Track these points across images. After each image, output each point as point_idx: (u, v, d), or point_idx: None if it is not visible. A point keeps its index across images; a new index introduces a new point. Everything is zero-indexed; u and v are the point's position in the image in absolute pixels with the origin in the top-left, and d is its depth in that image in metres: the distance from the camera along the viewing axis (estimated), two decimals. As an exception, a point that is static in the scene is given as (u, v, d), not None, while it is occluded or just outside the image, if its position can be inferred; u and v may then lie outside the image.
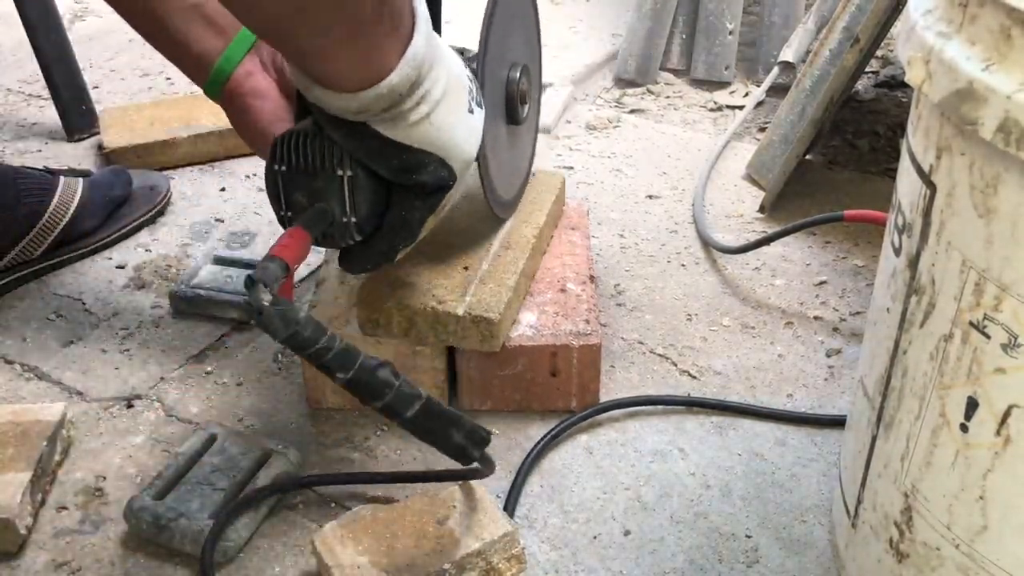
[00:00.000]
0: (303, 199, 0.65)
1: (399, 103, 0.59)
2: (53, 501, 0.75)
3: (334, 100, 0.59)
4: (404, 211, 0.66)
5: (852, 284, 1.02)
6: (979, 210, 0.46)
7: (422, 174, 0.64)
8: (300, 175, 0.64)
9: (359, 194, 0.64)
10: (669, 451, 0.80)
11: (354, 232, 0.66)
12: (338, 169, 0.63)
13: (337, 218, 0.65)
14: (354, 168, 0.63)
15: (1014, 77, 0.42)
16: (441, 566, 0.65)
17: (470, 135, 0.66)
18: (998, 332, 0.47)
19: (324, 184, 0.64)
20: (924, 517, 0.55)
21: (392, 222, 0.67)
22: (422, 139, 0.62)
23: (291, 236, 0.61)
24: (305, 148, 0.64)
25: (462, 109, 0.65)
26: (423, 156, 0.63)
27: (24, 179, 1.01)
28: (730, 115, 1.42)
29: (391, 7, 0.55)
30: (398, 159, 0.62)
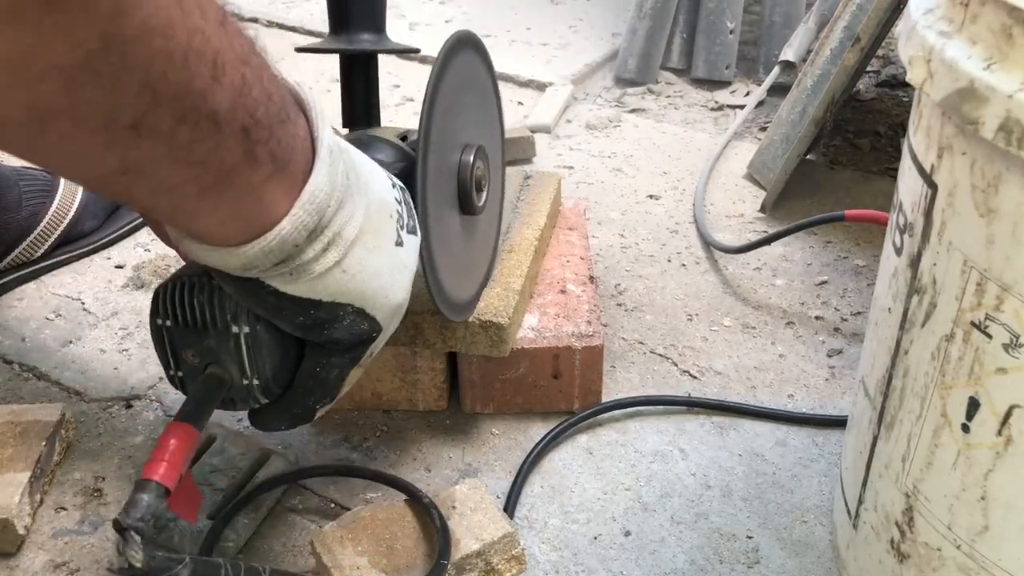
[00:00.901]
0: (194, 359, 0.55)
1: (296, 255, 0.48)
2: (52, 501, 0.75)
3: (209, 256, 0.48)
4: (318, 368, 0.56)
5: (853, 284, 1.02)
6: (980, 210, 0.46)
7: (335, 330, 0.53)
8: (189, 332, 0.55)
9: (259, 353, 0.54)
10: (669, 451, 0.80)
11: (258, 395, 0.56)
12: (232, 326, 0.53)
13: (236, 381, 0.55)
14: (251, 323, 0.53)
15: (1015, 76, 0.42)
16: (441, 567, 0.65)
17: (399, 273, 0.56)
18: (1000, 332, 0.46)
19: (217, 343, 0.54)
20: (925, 517, 0.55)
21: (305, 382, 0.57)
22: (332, 290, 0.51)
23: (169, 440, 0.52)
24: (192, 301, 0.54)
25: (386, 244, 0.54)
26: (336, 309, 0.52)
27: (26, 180, 1.01)
28: (731, 114, 1.41)
29: (267, 145, 0.44)
30: (303, 315, 0.52)
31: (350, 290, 0.52)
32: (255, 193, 0.45)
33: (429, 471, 0.78)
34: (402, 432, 0.82)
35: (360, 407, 0.84)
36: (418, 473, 0.78)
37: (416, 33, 1.68)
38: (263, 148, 0.44)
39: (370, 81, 0.75)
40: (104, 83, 0.35)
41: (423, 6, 1.81)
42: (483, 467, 0.79)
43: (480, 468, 0.79)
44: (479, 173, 0.73)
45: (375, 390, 0.83)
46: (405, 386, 0.82)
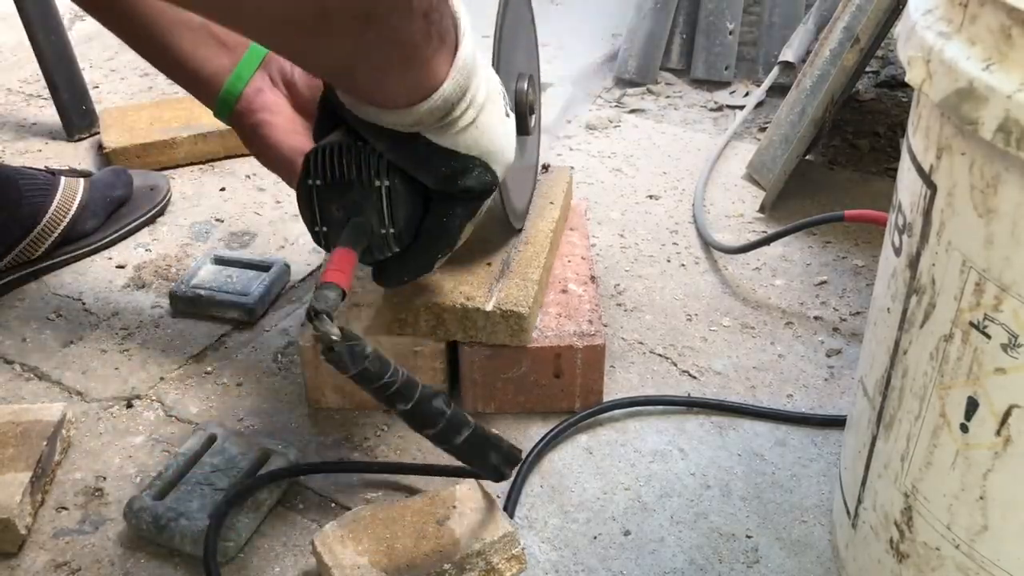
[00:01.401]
0: (339, 213, 0.64)
1: (451, 111, 0.59)
2: (53, 501, 0.75)
3: (388, 117, 0.58)
4: (445, 217, 0.65)
5: (852, 284, 1.02)
6: (979, 210, 0.46)
7: (468, 179, 0.63)
8: (336, 188, 0.63)
9: (397, 204, 0.63)
10: (669, 451, 0.80)
11: (393, 244, 0.65)
12: (375, 180, 0.62)
13: (376, 230, 0.64)
14: (391, 177, 0.62)
15: (1014, 77, 0.42)
16: (441, 566, 0.65)
17: (509, 138, 0.66)
18: (998, 332, 0.47)
19: (361, 196, 0.63)
20: (924, 517, 0.55)
21: (432, 230, 0.66)
22: (469, 144, 0.62)
23: (339, 258, 0.60)
24: (342, 160, 0.62)
25: (501, 112, 0.65)
26: (468, 161, 0.62)
27: (26, 179, 1.01)
28: (730, 115, 1.42)
29: (438, 25, 0.55)
30: (446, 166, 0.62)
31: (480, 144, 0.62)
32: (428, 64, 0.55)
33: (429, 471, 0.78)
34: (402, 431, 0.82)
35: (360, 407, 0.84)
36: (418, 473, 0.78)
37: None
38: (436, 27, 0.54)
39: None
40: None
41: (423, 6, 1.81)
42: (483, 467, 0.79)
43: (480, 468, 0.79)
44: (531, 98, 0.81)
45: (375, 390, 0.83)
46: (405, 386, 0.82)
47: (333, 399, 0.84)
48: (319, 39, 0.50)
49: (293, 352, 0.91)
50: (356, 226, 0.63)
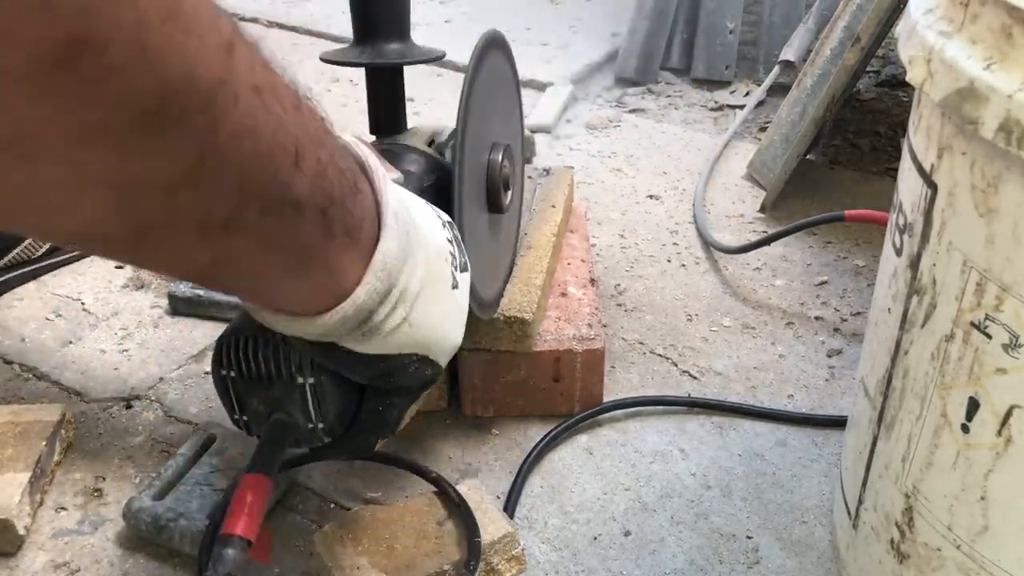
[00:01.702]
0: (260, 407, 0.57)
1: (369, 318, 0.49)
2: (52, 502, 0.75)
3: (289, 326, 0.49)
4: (381, 407, 0.58)
5: (853, 284, 1.02)
6: (980, 210, 0.46)
7: (402, 378, 0.55)
8: (254, 383, 0.56)
9: (325, 400, 0.56)
10: (669, 451, 0.80)
11: (323, 436, 0.58)
12: (298, 377, 0.55)
13: (302, 426, 0.57)
14: (316, 373, 0.55)
15: (1015, 76, 0.42)
16: (441, 567, 0.65)
17: (457, 316, 0.58)
18: (999, 332, 0.46)
19: (283, 393, 0.56)
20: (925, 518, 0.55)
21: (367, 421, 0.59)
22: (401, 344, 0.53)
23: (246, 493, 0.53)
24: (257, 355, 0.55)
25: (444, 291, 0.55)
26: (403, 360, 0.54)
27: None
28: (731, 114, 1.41)
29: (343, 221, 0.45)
30: (374, 369, 0.54)
31: (416, 341, 0.53)
32: (331, 266, 0.46)
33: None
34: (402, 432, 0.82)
35: (360, 407, 0.84)
36: (418, 473, 0.78)
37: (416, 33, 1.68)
38: (339, 224, 0.45)
39: (396, 90, 0.75)
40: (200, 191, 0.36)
41: (423, 6, 1.81)
42: (483, 467, 0.79)
43: (480, 468, 0.79)
44: (506, 172, 0.74)
45: (375, 390, 0.83)
46: (405, 386, 0.82)
47: (333, 399, 0.84)
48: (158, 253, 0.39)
49: (293, 352, 0.91)
50: (277, 424, 0.57)
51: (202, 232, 0.38)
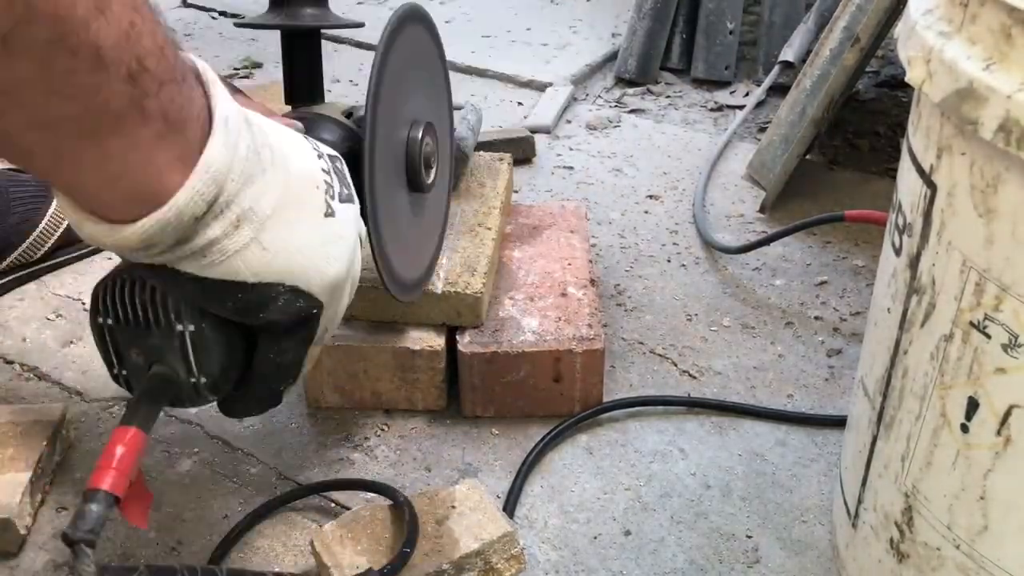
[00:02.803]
0: (138, 357, 0.53)
1: (200, 231, 0.46)
2: (53, 501, 0.75)
3: (107, 238, 0.45)
4: (272, 354, 0.54)
5: (852, 284, 1.02)
6: (979, 210, 0.46)
7: (271, 312, 0.51)
8: (132, 330, 0.52)
9: (207, 351, 0.52)
10: (669, 451, 0.80)
11: (207, 394, 0.54)
12: (176, 324, 0.51)
13: (183, 380, 0.53)
14: (196, 320, 0.51)
15: (1015, 77, 0.42)
16: (440, 566, 0.65)
17: (332, 245, 0.54)
18: (999, 332, 0.47)
19: (161, 341, 0.52)
20: (925, 517, 0.55)
21: (262, 368, 0.55)
22: (256, 270, 0.49)
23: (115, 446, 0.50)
24: (134, 299, 0.51)
25: (312, 216, 0.52)
26: (265, 289, 0.50)
27: (18, 186, 1.01)
28: (730, 115, 1.41)
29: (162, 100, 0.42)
30: (232, 300, 0.49)
31: (275, 268, 0.50)
32: (143, 152, 0.43)
33: (429, 471, 0.78)
34: (402, 432, 0.82)
35: (360, 407, 0.84)
36: (418, 473, 0.78)
37: (416, 33, 1.68)
38: (153, 102, 0.42)
39: (312, 56, 0.71)
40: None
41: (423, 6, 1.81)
42: (483, 467, 0.79)
43: (480, 468, 0.79)
44: (428, 150, 0.72)
45: (374, 390, 0.83)
46: (404, 386, 0.82)
47: (332, 399, 0.84)
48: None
49: None
50: (156, 378, 0.53)
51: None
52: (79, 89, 0.39)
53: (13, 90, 0.38)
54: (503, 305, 0.85)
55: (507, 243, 0.94)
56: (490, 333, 0.81)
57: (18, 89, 0.38)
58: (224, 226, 0.46)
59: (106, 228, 0.45)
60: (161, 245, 0.46)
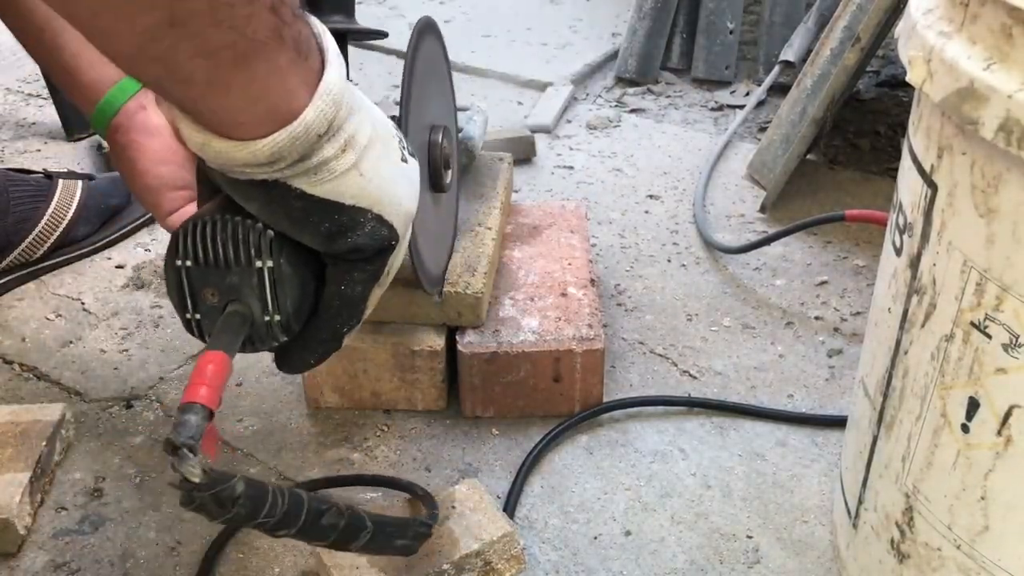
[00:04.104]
0: (214, 299, 0.55)
1: (319, 147, 0.50)
2: (52, 501, 0.75)
3: (239, 152, 0.49)
4: (344, 286, 0.57)
5: (853, 284, 1.02)
6: (980, 210, 0.46)
7: (358, 235, 0.54)
8: (209, 270, 0.54)
9: (283, 287, 0.54)
10: (669, 451, 0.80)
11: (279, 333, 0.56)
12: (256, 260, 0.53)
13: (258, 319, 0.55)
14: (276, 256, 0.54)
15: (1015, 76, 0.42)
16: (440, 566, 0.65)
17: (408, 186, 0.58)
18: (999, 332, 0.46)
19: (240, 279, 0.54)
20: (925, 517, 0.55)
21: (330, 302, 0.57)
22: (353, 192, 0.53)
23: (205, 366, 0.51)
24: (215, 237, 0.54)
25: (393, 156, 0.57)
26: (356, 214, 0.54)
27: (17, 186, 1.01)
28: (731, 114, 1.41)
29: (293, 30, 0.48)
30: (329, 221, 0.53)
31: (368, 193, 0.54)
32: (281, 75, 0.48)
33: (429, 471, 0.78)
34: (402, 432, 0.82)
35: (360, 407, 0.84)
36: (418, 473, 0.78)
37: (416, 33, 1.68)
38: (288, 30, 0.47)
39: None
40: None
41: (423, 6, 1.81)
42: (483, 467, 0.79)
43: (480, 468, 0.79)
44: (447, 152, 0.76)
45: (374, 390, 0.83)
46: (404, 386, 0.82)
47: (332, 399, 0.84)
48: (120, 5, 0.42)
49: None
50: (233, 316, 0.54)
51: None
52: (237, 19, 0.45)
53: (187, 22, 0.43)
54: (503, 305, 0.85)
55: (507, 243, 0.94)
56: (490, 333, 0.81)
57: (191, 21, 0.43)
58: (335, 148, 0.51)
59: (237, 144, 0.49)
60: (287, 159, 0.50)
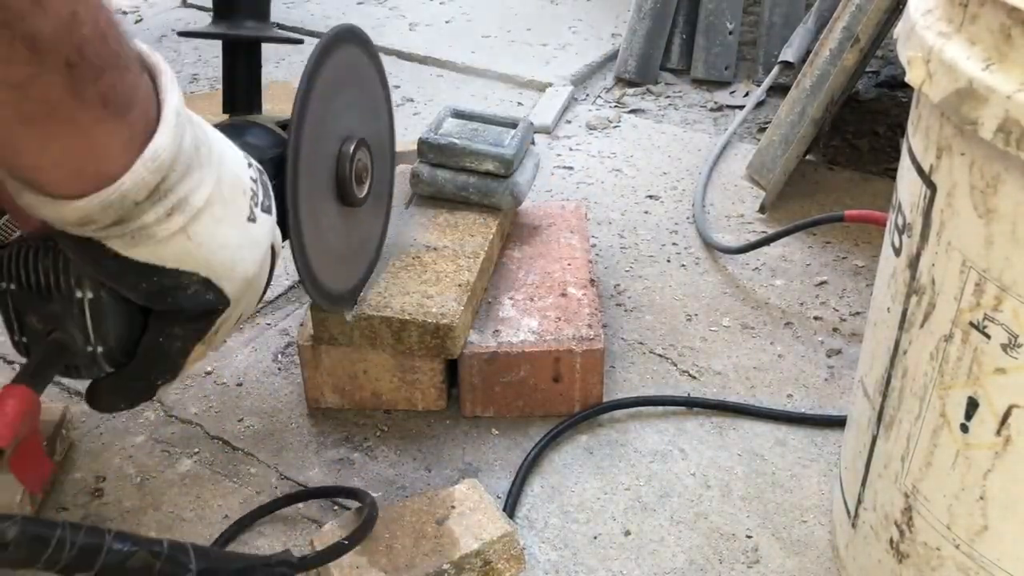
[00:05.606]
0: (39, 324, 0.54)
1: (136, 215, 0.47)
2: (53, 501, 0.75)
3: (47, 209, 0.46)
4: (161, 338, 0.54)
5: (852, 284, 1.02)
6: (979, 210, 0.46)
7: (179, 297, 0.52)
8: (32, 295, 0.53)
9: (104, 320, 0.53)
10: (669, 451, 0.80)
11: (103, 363, 0.54)
12: (76, 290, 0.52)
13: (80, 348, 0.53)
14: (95, 288, 0.52)
15: (1014, 77, 0.42)
16: (440, 566, 0.65)
17: (251, 248, 0.55)
18: (998, 332, 0.47)
19: (61, 308, 0.53)
20: (924, 517, 0.55)
21: (147, 351, 0.55)
22: (177, 256, 0.50)
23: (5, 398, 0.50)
24: (36, 266, 0.52)
25: (237, 218, 0.53)
26: (179, 276, 0.51)
27: None
28: (730, 115, 1.42)
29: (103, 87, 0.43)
30: (146, 282, 0.50)
31: (195, 257, 0.51)
32: (85, 136, 0.44)
33: (429, 471, 0.78)
34: (402, 432, 0.82)
35: (360, 407, 0.84)
36: (418, 473, 0.78)
37: (416, 33, 1.68)
38: (92, 88, 0.43)
39: (252, 68, 0.74)
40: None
41: (423, 7, 1.81)
42: (483, 467, 0.79)
43: (480, 468, 0.79)
44: (360, 164, 0.74)
45: (374, 390, 0.83)
46: (404, 386, 0.82)
47: (332, 399, 0.84)
48: None
49: (293, 352, 0.91)
50: (52, 345, 0.53)
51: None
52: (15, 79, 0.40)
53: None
54: (503, 305, 0.85)
55: (507, 243, 0.94)
56: (490, 333, 0.81)
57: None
58: (159, 212, 0.48)
59: (46, 200, 0.46)
60: (99, 223, 0.46)
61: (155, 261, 0.50)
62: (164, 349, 0.55)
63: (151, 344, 0.55)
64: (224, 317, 0.55)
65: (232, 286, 0.54)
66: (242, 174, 0.55)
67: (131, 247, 0.48)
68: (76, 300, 0.52)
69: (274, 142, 0.69)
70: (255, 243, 0.55)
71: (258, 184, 0.57)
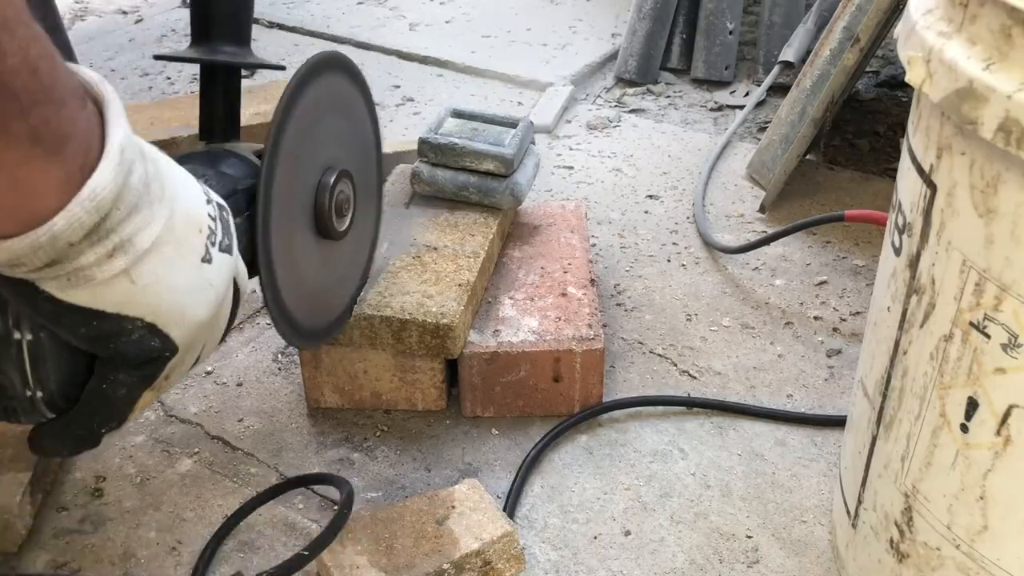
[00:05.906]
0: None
1: (73, 256, 0.44)
2: (53, 501, 0.75)
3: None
4: (104, 385, 0.51)
5: (852, 284, 1.02)
6: (979, 210, 0.46)
7: (122, 343, 0.49)
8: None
9: (44, 363, 0.50)
10: (669, 451, 0.80)
11: (43, 409, 0.51)
12: (14, 332, 0.49)
13: (18, 391, 0.50)
14: (35, 330, 0.49)
15: (1014, 77, 0.42)
16: (440, 566, 0.65)
17: (204, 291, 0.52)
18: (998, 332, 0.47)
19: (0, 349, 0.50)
20: (924, 517, 0.55)
21: (89, 399, 0.52)
22: (118, 300, 0.47)
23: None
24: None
25: (189, 259, 0.50)
26: (121, 321, 0.48)
27: None
28: (730, 115, 1.42)
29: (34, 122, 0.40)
30: (85, 326, 0.47)
31: (139, 302, 0.48)
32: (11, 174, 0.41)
33: (429, 471, 0.78)
34: (402, 432, 0.82)
35: (360, 407, 0.84)
36: (418, 473, 0.78)
37: (416, 33, 1.68)
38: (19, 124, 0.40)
39: (229, 94, 0.71)
40: None
41: (423, 7, 1.81)
42: (483, 467, 0.79)
43: (480, 468, 0.79)
44: (341, 197, 0.71)
45: (374, 390, 0.83)
46: (404, 386, 0.82)
47: (332, 399, 0.84)
48: None
49: (293, 352, 0.91)
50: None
51: None
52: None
53: None
54: (503, 305, 0.85)
55: (507, 243, 0.94)
56: (490, 333, 0.81)
57: None
58: (99, 254, 0.45)
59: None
60: (28, 266, 0.44)
61: (94, 305, 0.46)
62: (108, 396, 0.51)
63: (95, 390, 0.51)
64: (174, 363, 0.52)
65: (181, 331, 0.51)
66: (199, 211, 0.52)
67: (68, 289, 0.45)
68: (14, 342, 0.49)
69: (250, 172, 0.66)
70: (208, 285, 0.52)
71: (217, 222, 0.53)
